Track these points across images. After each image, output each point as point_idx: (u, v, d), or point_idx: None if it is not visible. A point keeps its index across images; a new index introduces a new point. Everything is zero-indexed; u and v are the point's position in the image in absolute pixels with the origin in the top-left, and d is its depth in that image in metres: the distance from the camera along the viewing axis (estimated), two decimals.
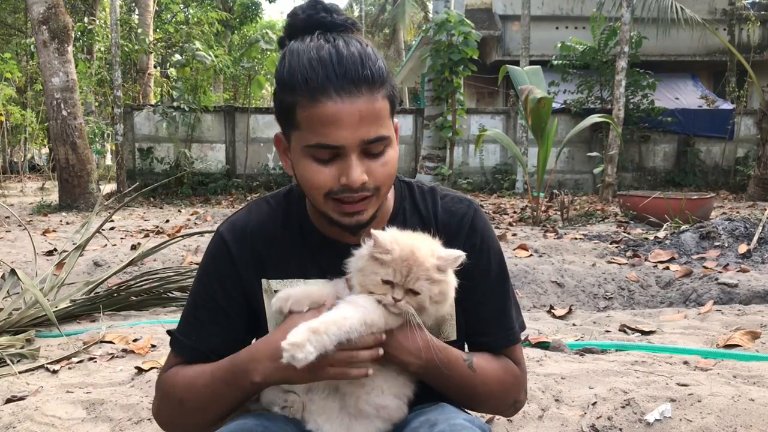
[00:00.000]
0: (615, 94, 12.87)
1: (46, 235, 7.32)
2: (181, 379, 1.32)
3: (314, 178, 1.21)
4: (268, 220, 1.38)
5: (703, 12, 16.27)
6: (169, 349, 1.42)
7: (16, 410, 2.26)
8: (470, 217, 1.39)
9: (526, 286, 4.75)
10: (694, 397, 2.19)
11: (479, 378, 1.31)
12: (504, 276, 1.43)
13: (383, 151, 1.23)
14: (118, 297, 4.05)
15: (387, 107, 1.22)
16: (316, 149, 1.19)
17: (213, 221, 9.00)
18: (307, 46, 1.19)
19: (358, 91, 1.16)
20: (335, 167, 1.20)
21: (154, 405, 1.40)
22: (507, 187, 15.30)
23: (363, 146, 1.19)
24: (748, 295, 4.36)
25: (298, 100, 1.18)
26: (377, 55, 1.22)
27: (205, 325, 1.35)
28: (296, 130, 1.22)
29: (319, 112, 1.16)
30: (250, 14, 21.27)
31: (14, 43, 23.47)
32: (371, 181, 1.21)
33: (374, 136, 1.19)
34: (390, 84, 1.22)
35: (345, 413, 1.24)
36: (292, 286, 1.31)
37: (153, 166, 14.56)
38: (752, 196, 13.11)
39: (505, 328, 1.41)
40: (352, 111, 1.16)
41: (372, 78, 1.18)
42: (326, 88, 1.15)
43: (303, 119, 1.19)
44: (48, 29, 10.45)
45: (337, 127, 1.16)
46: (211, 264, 1.38)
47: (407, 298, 1.18)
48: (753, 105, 17.11)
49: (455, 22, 10.02)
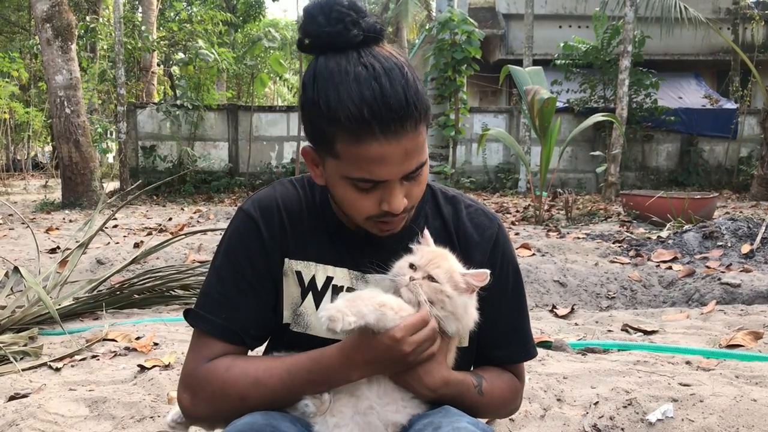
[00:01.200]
0: (618, 93, 12.84)
1: (49, 232, 7.34)
2: (239, 374, 1.25)
3: (355, 204, 1.22)
4: (293, 200, 1.37)
5: (706, 11, 16.24)
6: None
7: (19, 408, 2.27)
8: (494, 232, 1.40)
9: (528, 285, 4.75)
10: (696, 397, 2.19)
11: (485, 400, 1.34)
12: (520, 293, 1.44)
13: (420, 174, 1.23)
14: (120, 295, 4.06)
15: (425, 132, 1.21)
16: (359, 182, 1.19)
17: (216, 219, 9.01)
18: (345, 76, 1.13)
19: (403, 130, 1.14)
20: (377, 194, 1.20)
21: (186, 398, 1.30)
22: (510, 186, 15.28)
23: (406, 177, 1.20)
24: (751, 295, 4.36)
25: (338, 134, 1.14)
26: (415, 79, 1.18)
27: (235, 303, 1.31)
28: (335, 158, 1.19)
29: (363, 152, 1.14)
30: (254, 13, 21.26)
31: (18, 41, 23.51)
32: (409, 203, 1.23)
33: (416, 166, 1.19)
34: (426, 105, 1.20)
35: (356, 421, 1.23)
36: (311, 270, 1.33)
37: (156, 164, 14.57)
38: (755, 196, 13.08)
39: (519, 344, 1.44)
40: (398, 150, 1.15)
41: (416, 114, 1.15)
42: (371, 130, 1.12)
43: (344, 153, 1.16)
44: (51, 27, 10.47)
45: (381, 165, 1.15)
46: (238, 240, 1.34)
47: (424, 283, 1.20)
48: (757, 104, 17.07)
49: (458, 21, 10.02)
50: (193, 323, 1.33)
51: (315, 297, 1.33)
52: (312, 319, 1.33)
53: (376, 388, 1.24)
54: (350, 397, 1.24)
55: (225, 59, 14.53)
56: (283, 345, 1.34)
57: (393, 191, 1.19)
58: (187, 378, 1.31)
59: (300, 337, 1.34)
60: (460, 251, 1.33)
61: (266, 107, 16.71)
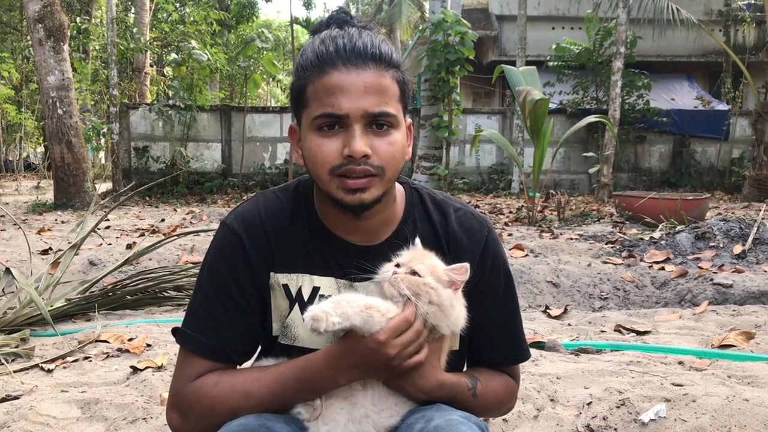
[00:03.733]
0: (611, 95, 12.89)
1: (41, 233, 7.30)
2: (227, 389, 1.24)
3: (319, 152, 1.22)
4: (277, 211, 1.36)
5: (698, 13, 16.29)
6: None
7: (10, 409, 2.25)
8: (484, 236, 1.39)
9: (521, 286, 4.75)
10: (688, 397, 2.19)
11: (479, 402, 1.34)
12: (512, 295, 1.43)
13: (389, 131, 1.23)
14: (113, 296, 4.04)
15: (395, 89, 1.24)
16: (321, 119, 1.21)
17: (209, 220, 8.98)
18: (323, 34, 1.26)
19: (364, 64, 1.20)
20: (339, 140, 1.21)
21: (175, 418, 1.29)
22: (503, 187, 15.31)
23: (367, 119, 1.20)
24: (743, 295, 4.38)
25: (308, 77, 1.23)
26: (390, 45, 1.27)
27: (221, 321, 1.30)
28: (306, 107, 1.24)
29: (325, 82, 1.20)
30: (247, 13, 21.24)
31: (10, 42, 23.40)
32: (375, 158, 1.21)
33: (378, 110, 1.20)
34: (402, 73, 1.26)
35: (350, 429, 1.22)
36: (298, 281, 1.32)
37: (149, 165, 14.52)
38: (747, 197, 13.15)
39: (513, 346, 1.44)
40: (358, 81, 1.19)
41: (380, 55, 1.22)
42: (334, 60, 1.20)
43: (311, 93, 1.22)
44: (44, 27, 10.42)
45: (341, 95, 1.19)
46: (222, 257, 1.33)
47: (406, 278, 1.20)
48: (748, 106, 17.16)
49: (452, 22, 10.03)
50: (179, 342, 1.33)
51: (302, 308, 1.32)
52: (299, 331, 1.32)
53: (371, 395, 1.23)
54: (344, 402, 1.23)
55: (218, 59, 14.50)
56: (272, 357, 1.34)
57: (353, 133, 1.20)
58: (175, 398, 1.30)
59: (288, 349, 1.33)
60: (450, 255, 1.33)
61: (259, 108, 16.69)
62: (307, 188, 1.38)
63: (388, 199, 1.31)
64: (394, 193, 1.35)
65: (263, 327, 1.35)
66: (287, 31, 24.19)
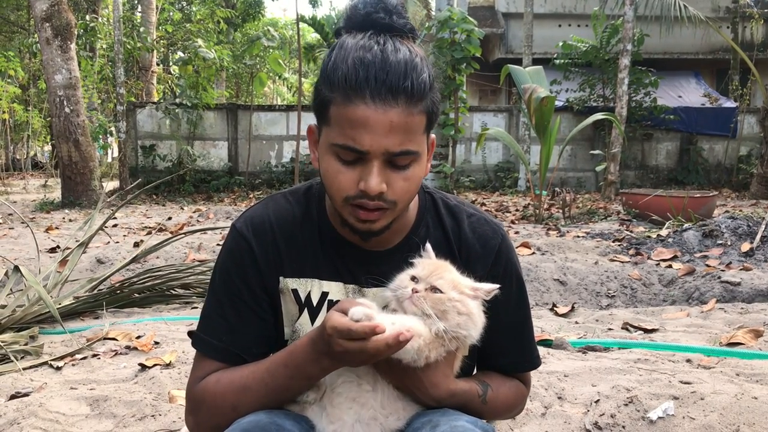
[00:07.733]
0: (618, 92, 12.84)
1: (49, 232, 7.34)
2: (227, 385, 1.26)
3: (336, 179, 1.19)
4: (287, 216, 1.35)
5: (706, 10, 16.22)
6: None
7: (20, 406, 2.27)
8: (497, 243, 1.37)
9: (528, 284, 4.75)
10: (696, 395, 2.19)
11: (489, 408, 1.33)
12: (524, 304, 1.43)
13: (408, 166, 1.20)
14: (121, 294, 4.06)
15: (422, 122, 1.18)
16: (341, 149, 1.17)
17: (215, 218, 9.01)
18: (356, 44, 1.16)
19: (394, 101, 1.13)
20: (357, 171, 1.18)
21: (190, 420, 1.31)
22: (509, 185, 15.28)
23: (388, 157, 1.16)
24: (751, 293, 4.36)
25: (334, 97, 1.16)
26: (425, 67, 1.19)
27: (234, 324, 1.31)
28: (327, 125, 1.20)
29: (350, 113, 1.14)
30: (253, 12, 21.25)
31: (17, 41, 23.49)
32: (389, 194, 1.19)
33: (400, 149, 1.16)
34: (431, 99, 1.19)
35: (356, 430, 1.22)
36: (307, 286, 1.32)
37: (155, 163, 14.57)
38: (755, 195, 13.08)
39: (524, 354, 1.43)
40: (384, 119, 1.13)
41: (412, 90, 1.14)
42: (362, 91, 1.12)
43: (334, 116, 1.17)
44: (51, 26, 10.47)
45: (364, 132, 1.13)
46: (231, 262, 1.33)
47: (428, 295, 1.17)
48: (756, 103, 17.07)
49: (458, 20, 10.02)
50: (194, 345, 1.34)
51: (310, 313, 1.33)
52: None
53: (380, 397, 1.23)
54: (353, 403, 1.23)
55: (223, 57, 14.51)
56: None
57: (372, 169, 1.16)
58: (187, 400, 1.33)
59: None
60: (462, 262, 1.31)
61: (265, 106, 16.68)
62: (320, 193, 1.37)
63: (399, 218, 1.30)
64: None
65: (277, 328, 1.35)
66: (293, 30, 24.18)
